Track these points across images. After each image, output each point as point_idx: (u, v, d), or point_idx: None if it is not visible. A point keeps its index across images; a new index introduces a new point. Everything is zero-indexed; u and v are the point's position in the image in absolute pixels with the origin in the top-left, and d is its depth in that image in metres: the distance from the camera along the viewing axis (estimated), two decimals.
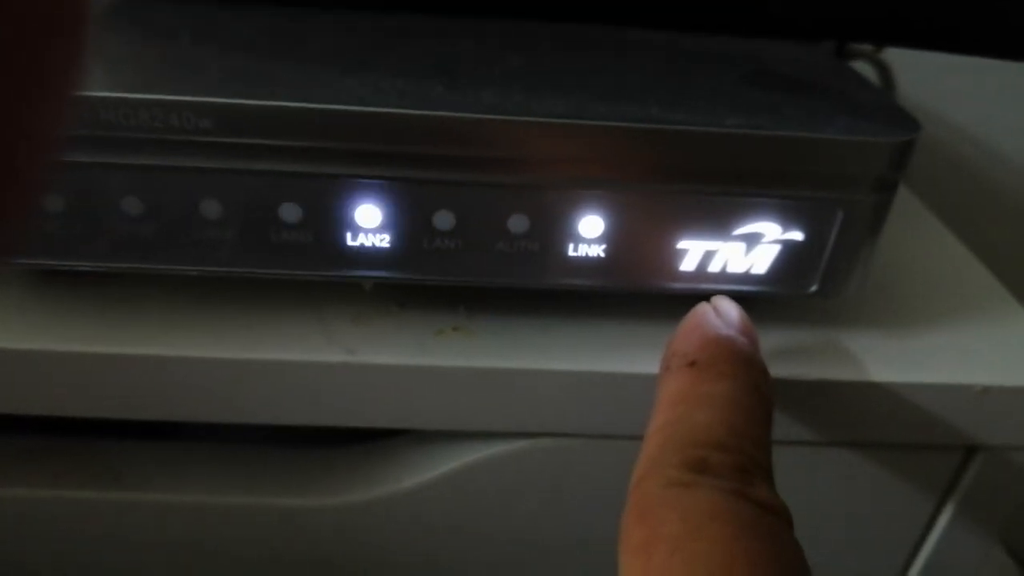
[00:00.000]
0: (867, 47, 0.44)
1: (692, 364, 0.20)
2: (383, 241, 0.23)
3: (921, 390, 0.26)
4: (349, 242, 0.23)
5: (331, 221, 0.23)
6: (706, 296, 0.24)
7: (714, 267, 0.25)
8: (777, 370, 0.25)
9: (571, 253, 0.24)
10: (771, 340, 0.26)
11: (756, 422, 0.20)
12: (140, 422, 0.26)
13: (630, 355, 0.26)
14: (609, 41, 0.29)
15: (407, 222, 0.23)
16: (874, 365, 0.26)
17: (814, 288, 0.26)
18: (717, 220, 0.24)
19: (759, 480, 0.18)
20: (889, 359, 0.26)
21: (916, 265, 0.32)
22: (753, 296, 0.26)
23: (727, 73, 0.27)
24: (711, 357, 0.20)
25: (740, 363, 0.20)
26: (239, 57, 0.24)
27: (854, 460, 0.28)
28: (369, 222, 0.23)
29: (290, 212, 0.23)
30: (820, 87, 0.27)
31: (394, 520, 0.28)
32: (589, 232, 0.24)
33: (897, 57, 0.45)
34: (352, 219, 0.23)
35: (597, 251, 0.24)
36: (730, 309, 0.22)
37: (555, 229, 0.24)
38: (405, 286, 0.26)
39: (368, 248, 0.23)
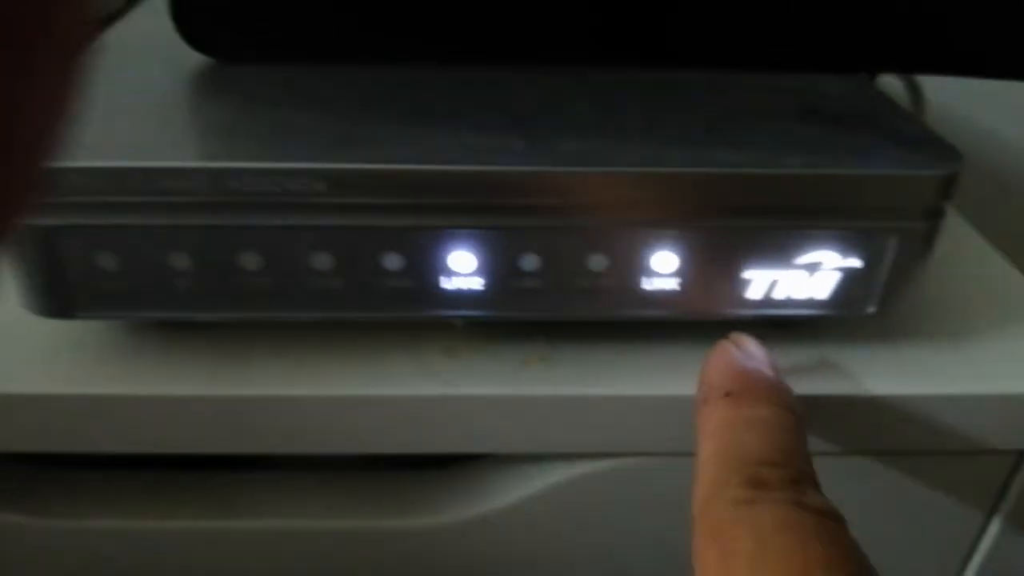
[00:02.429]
0: None
1: (728, 395, 0.23)
2: (475, 284, 0.26)
3: (971, 400, 0.28)
4: (445, 286, 0.26)
5: (429, 268, 0.25)
6: (772, 322, 0.26)
7: (779, 294, 0.27)
8: (835, 387, 0.27)
9: (646, 287, 0.26)
10: (828, 355, 0.28)
11: (796, 438, 0.22)
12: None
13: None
14: (661, 81, 0.31)
15: (496, 266, 0.25)
16: (926, 377, 0.28)
17: (872, 309, 0.27)
18: (781, 251, 0.26)
19: (810, 489, 0.20)
20: (940, 370, 0.28)
21: (958, 277, 0.34)
22: (815, 319, 0.28)
23: (779, 110, 0.29)
24: (744, 387, 0.23)
25: (771, 388, 0.23)
26: (334, 119, 0.26)
27: (905, 468, 0.30)
28: (463, 267, 0.25)
29: (393, 261, 0.25)
30: (867, 120, 0.29)
31: (488, 540, 0.30)
32: (663, 268, 0.26)
33: None
34: (447, 265, 0.25)
35: (671, 284, 0.26)
36: (749, 343, 0.25)
37: (632, 266, 0.26)
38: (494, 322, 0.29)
39: (462, 291, 0.26)
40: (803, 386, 0.28)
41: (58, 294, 0.25)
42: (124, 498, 0.30)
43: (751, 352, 0.25)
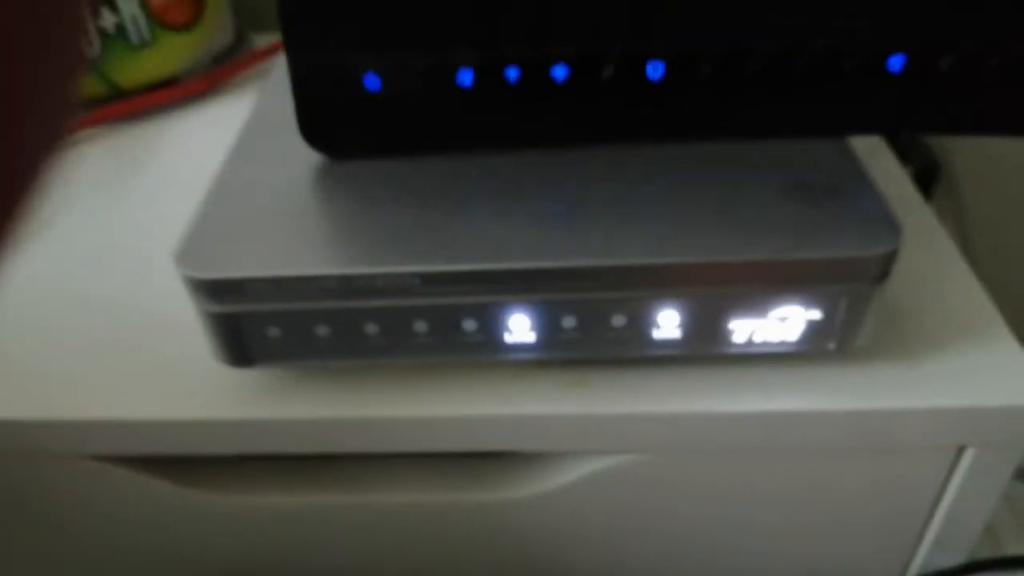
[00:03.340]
0: None
1: None
2: (529, 337, 0.35)
3: (915, 414, 0.36)
4: (507, 339, 0.35)
5: (496, 328, 0.35)
6: (753, 357, 0.35)
7: (757, 338, 0.36)
8: (804, 403, 0.36)
9: (655, 336, 0.35)
10: (799, 376, 0.37)
11: None
12: None
13: (699, 397, 0.37)
14: (668, 157, 0.39)
15: (545, 325, 0.35)
16: (877, 395, 0.37)
17: (832, 346, 0.36)
18: (758, 309, 0.35)
19: None
20: (892, 386, 0.37)
21: (924, 293, 0.41)
22: (786, 353, 0.36)
23: (765, 185, 0.36)
24: None
25: None
26: (426, 217, 0.35)
27: (861, 465, 0.39)
28: (520, 327, 0.35)
29: (469, 325, 0.35)
30: (833, 193, 0.36)
31: (544, 513, 0.41)
32: (667, 323, 0.35)
33: None
34: (508, 326, 0.35)
35: (674, 334, 0.35)
36: None
37: (644, 322, 0.35)
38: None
39: (520, 342, 0.35)
40: (779, 404, 0.37)
41: (240, 352, 0.36)
42: (275, 479, 0.42)
43: None
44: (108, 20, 0.59)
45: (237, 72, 0.65)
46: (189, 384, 0.38)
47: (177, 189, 0.42)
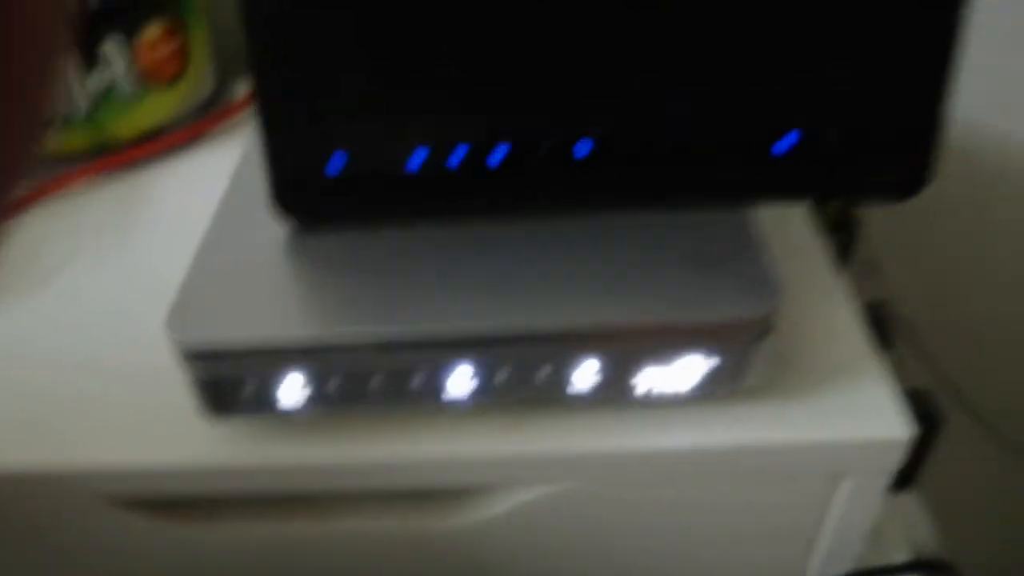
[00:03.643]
0: None
1: None
2: (472, 387, 0.42)
3: (798, 448, 0.43)
4: (451, 391, 0.42)
5: (441, 381, 0.41)
6: (661, 401, 0.41)
7: (661, 386, 0.42)
8: (702, 439, 0.43)
9: (573, 387, 0.42)
10: (698, 416, 0.44)
11: None
12: None
13: (615, 436, 0.43)
14: (594, 228, 0.45)
15: (483, 378, 0.41)
16: (766, 429, 0.43)
17: (726, 390, 0.43)
18: (664, 360, 0.41)
19: None
20: (777, 423, 0.43)
21: (809, 335, 0.48)
22: (687, 398, 0.43)
23: (665, 254, 0.43)
24: None
25: None
26: (380, 283, 0.41)
27: (763, 486, 0.46)
28: (462, 379, 0.41)
29: (417, 379, 0.41)
30: (725, 260, 0.43)
31: (488, 538, 0.47)
32: (587, 372, 0.41)
33: None
34: (451, 378, 0.41)
35: (592, 382, 0.42)
36: None
37: (566, 373, 0.41)
38: None
39: (460, 394, 0.42)
40: (681, 441, 0.43)
41: (218, 406, 0.42)
42: (248, 514, 0.48)
43: None
44: (97, 79, 0.64)
45: (220, 121, 0.71)
46: (173, 433, 0.44)
47: (165, 238, 0.48)
